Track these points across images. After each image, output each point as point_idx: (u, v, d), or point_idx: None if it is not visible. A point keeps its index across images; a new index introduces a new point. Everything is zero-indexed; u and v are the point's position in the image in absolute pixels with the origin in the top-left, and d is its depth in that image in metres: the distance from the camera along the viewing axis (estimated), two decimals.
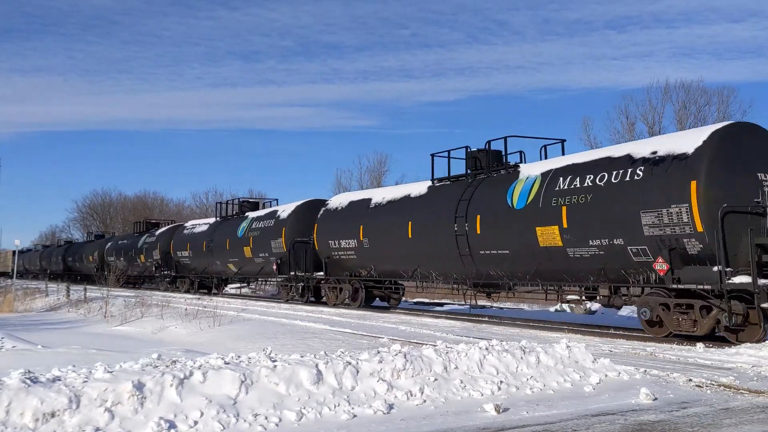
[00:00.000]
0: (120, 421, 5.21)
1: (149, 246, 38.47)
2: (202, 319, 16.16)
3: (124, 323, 17.73)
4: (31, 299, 29.95)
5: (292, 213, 25.15)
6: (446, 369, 7.07)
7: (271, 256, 25.61)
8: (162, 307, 19.03)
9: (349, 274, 21.30)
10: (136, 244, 41.05)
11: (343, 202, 22.09)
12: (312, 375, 6.27)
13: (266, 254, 25.99)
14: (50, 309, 25.06)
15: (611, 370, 7.98)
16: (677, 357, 9.95)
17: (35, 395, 5.13)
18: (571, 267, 13.83)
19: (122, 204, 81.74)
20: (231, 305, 21.87)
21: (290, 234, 24.44)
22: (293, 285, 24.50)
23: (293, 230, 24.59)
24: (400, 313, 19.80)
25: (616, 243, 12.63)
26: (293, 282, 24.37)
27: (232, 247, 28.55)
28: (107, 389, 5.38)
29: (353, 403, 6.13)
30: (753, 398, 6.91)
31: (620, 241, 12.53)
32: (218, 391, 5.80)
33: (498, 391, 6.89)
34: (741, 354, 10.14)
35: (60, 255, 59.87)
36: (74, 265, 54.47)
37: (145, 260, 38.82)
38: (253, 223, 27.52)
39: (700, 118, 37.07)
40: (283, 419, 5.65)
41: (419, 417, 5.93)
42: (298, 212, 25.04)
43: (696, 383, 7.66)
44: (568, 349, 8.15)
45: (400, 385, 6.60)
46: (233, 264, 28.93)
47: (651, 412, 6.21)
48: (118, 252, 44.01)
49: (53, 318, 20.78)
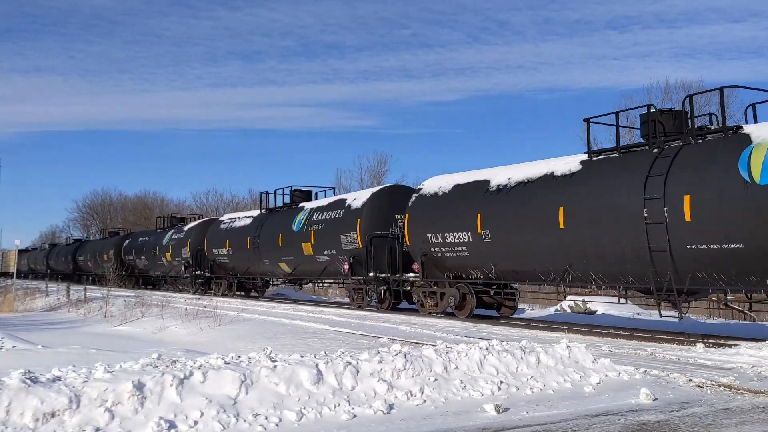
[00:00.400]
0: (120, 421, 5.21)
1: (177, 243, 34.38)
2: (202, 319, 16.16)
3: (124, 323, 17.73)
4: (31, 299, 29.95)
5: (368, 201, 20.90)
6: (446, 369, 7.07)
7: (340, 253, 21.52)
8: (162, 307, 19.04)
9: (453, 275, 17.28)
10: (160, 241, 36.86)
11: (444, 186, 17.73)
12: (312, 375, 6.27)
13: (332, 251, 21.94)
14: (50, 309, 25.06)
15: (611, 370, 7.98)
16: (677, 357, 9.95)
17: (35, 395, 5.13)
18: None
19: (122, 204, 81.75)
20: (231, 305, 21.86)
21: (366, 227, 20.39)
22: (371, 288, 20.37)
23: (370, 222, 20.53)
24: (400, 313, 19.80)
25: None
26: (371, 285, 20.23)
27: (285, 244, 24.48)
28: (107, 389, 5.38)
29: (353, 403, 6.13)
30: (753, 398, 6.90)
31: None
32: (218, 391, 5.80)
33: (498, 391, 6.89)
34: (741, 354, 10.14)
35: (69, 254, 56.07)
36: (85, 264, 50.87)
37: (172, 259, 34.94)
38: (313, 215, 23.39)
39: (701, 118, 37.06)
40: (283, 419, 5.65)
41: (419, 417, 5.93)
42: (375, 201, 20.89)
43: (696, 383, 7.65)
44: (568, 349, 8.14)
45: (400, 385, 6.60)
46: (286, 263, 24.96)
47: (651, 412, 6.21)
48: (138, 250, 40.20)
49: (53, 318, 20.78)
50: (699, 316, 21.11)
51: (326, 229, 22.41)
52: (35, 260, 70.07)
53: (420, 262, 17.89)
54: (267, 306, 22.52)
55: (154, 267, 37.91)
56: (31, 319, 19.91)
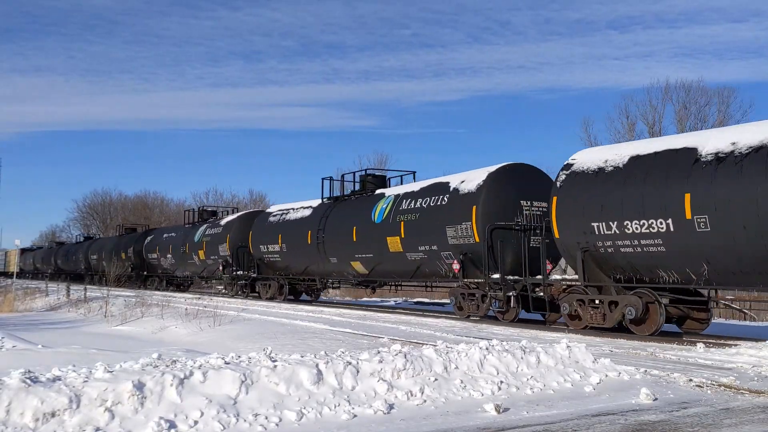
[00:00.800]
0: (120, 420, 5.21)
1: (212, 239, 29.92)
2: (202, 319, 16.16)
3: (124, 323, 17.73)
4: (31, 299, 29.95)
5: (485, 184, 16.45)
6: (446, 369, 7.07)
7: (444, 249, 17.19)
8: (162, 307, 19.03)
9: (625, 277, 13.19)
10: (190, 238, 32.38)
11: (613, 159, 13.42)
12: (312, 375, 6.27)
13: (432, 247, 17.51)
14: (50, 309, 25.06)
15: (611, 370, 7.98)
16: (677, 357, 9.95)
17: (35, 395, 5.13)
18: None
19: (122, 204, 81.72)
20: (231, 305, 21.86)
21: (485, 216, 16.14)
22: (492, 294, 16.02)
23: (489, 210, 16.23)
24: (400, 313, 19.79)
25: None
26: (493, 289, 16.04)
27: (362, 239, 20.16)
28: (107, 389, 5.38)
29: (353, 403, 6.13)
30: (753, 398, 6.90)
31: None
32: (218, 391, 5.80)
33: (498, 391, 6.89)
34: (741, 354, 10.14)
35: (80, 253, 51.78)
36: (99, 264, 46.13)
37: (206, 257, 30.48)
38: (401, 203, 18.91)
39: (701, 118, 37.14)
40: (284, 419, 5.65)
41: (419, 417, 5.93)
42: (495, 182, 16.48)
43: (696, 383, 7.65)
44: (568, 349, 8.14)
45: (400, 385, 6.59)
46: (362, 262, 20.60)
47: (651, 412, 6.21)
48: (163, 247, 35.88)
49: (53, 318, 20.77)
50: None
51: (423, 220, 17.83)
52: (42, 259, 66.77)
53: (579, 261, 13.58)
54: (267, 306, 22.51)
55: (183, 266, 33.61)
56: (31, 319, 19.90)
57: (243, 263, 27.70)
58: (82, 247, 52.54)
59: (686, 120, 37.24)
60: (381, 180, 22.66)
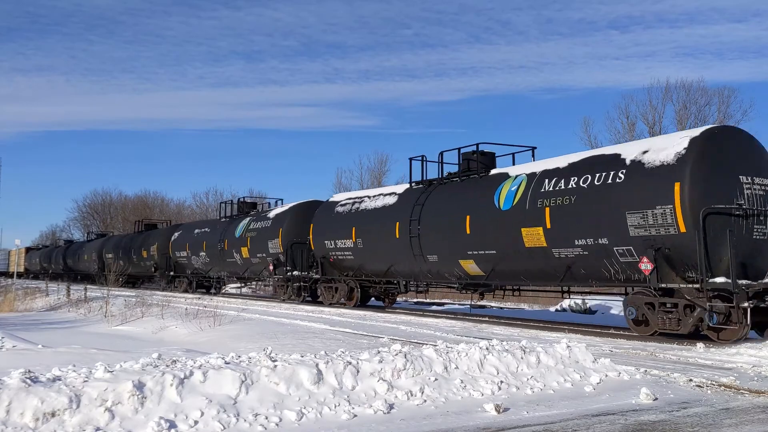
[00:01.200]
0: (120, 420, 5.21)
1: (259, 234, 26.12)
2: (202, 318, 16.15)
3: (124, 323, 17.72)
4: (32, 299, 29.93)
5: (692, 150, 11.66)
6: (447, 369, 7.07)
7: (620, 243, 12.57)
8: (162, 307, 19.03)
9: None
10: (230, 233, 28.61)
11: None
12: (312, 375, 6.27)
13: (602, 240, 12.83)
14: (50, 308, 25.05)
15: (611, 370, 7.98)
16: (678, 357, 9.95)
17: (35, 395, 5.13)
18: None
19: (122, 204, 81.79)
20: (231, 305, 21.86)
21: (696, 197, 11.52)
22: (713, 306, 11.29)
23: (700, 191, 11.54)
24: (401, 312, 19.79)
25: None
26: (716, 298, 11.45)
27: (481, 231, 15.80)
28: (107, 389, 5.38)
29: (353, 403, 6.13)
30: (753, 398, 6.90)
31: None
32: (218, 390, 5.80)
33: (498, 391, 6.89)
34: (741, 354, 10.14)
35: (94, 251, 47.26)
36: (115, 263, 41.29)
37: (250, 255, 26.77)
38: (541, 183, 14.40)
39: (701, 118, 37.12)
40: (284, 419, 5.65)
41: (419, 417, 5.93)
42: (702, 151, 11.72)
43: (696, 383, 7.65)
44: (568, 349, 8.14)
45: (400, 384, 6.60)
46: (478, 260, 16.18)
47: (651, 412, 6.21)
48: (195, 245, 31.97)
49: (53, 317, 20.77)
50: None
51: (583, 205, 13.30)
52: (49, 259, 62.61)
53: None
54: (267, 306, 22.52)
55: (220, 266, 29.84)
56: (31, 319, 19.90)
57: (300, 262, 23.63)
58: (95, 245, 48.04)
59: (686, 120, 37.25)
60: (490, 158, 17.97)
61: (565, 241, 13.84)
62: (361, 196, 21.67)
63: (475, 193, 16.53)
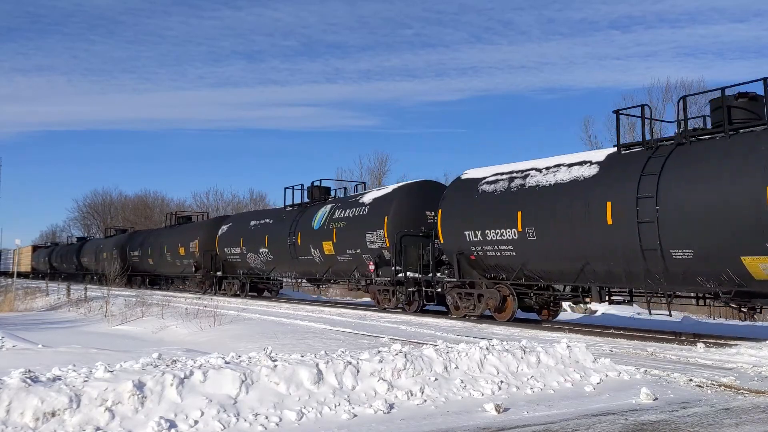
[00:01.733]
0: (120, 420, 5.21)
1: (351, 224, 21.00)
2: (202, 318, 16.15)
3: (124, 323, 17.72)
4: (32, 298, 29.94)
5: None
6: (447, 369, 7.07)
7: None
8: (162, 307, 19.03)
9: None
10: (304, 224, 23.38)
11: None
12: (312, 374, 6.27)
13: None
14: (51, 308, 25.06)
15: (612, 370, 7.98)
16: (678, 357, 9.95)
17: (36, 395, 5.13)
18: None
19: (123, 204, 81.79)
20: (231, 305, 21.86)
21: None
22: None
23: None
24: (401, 312, 19.78)
25: None
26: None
27: None
28: (108, 389, 5.38)
29: (354, 402, 6.13)
30: (754, 398, 6.90)
31: None
32: (219, 390, 5.80)
33: (498, 390, 6.89)
34: (741, 354, 10.14)
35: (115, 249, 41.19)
36: (144, 262, 37.66)
37: (337, 251, 21.67)
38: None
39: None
40: (284, 419, 5.65)
41: (420, 417, 5.93)
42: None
43: (697, 383, 7.65)
44: (568, 348, 8.14)
45: (400, 384, 6.59)
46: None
47: (651, 412, 6.21)
48: (253, 239, 26.64)
49: (54, 317, 20.77)
50: (699, 316, 21.09)
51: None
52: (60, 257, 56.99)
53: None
54: (268, 305, 22.51)
55: (288, 265, 24.65)
56: (31, 319, 19.90)
57: (414, 260, 18.68)
58: (118, 243, 41.90)
59: None
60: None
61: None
62: (524, 169, 15.76)
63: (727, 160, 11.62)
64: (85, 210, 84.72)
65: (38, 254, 68.44)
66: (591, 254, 13.64)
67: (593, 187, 13.57)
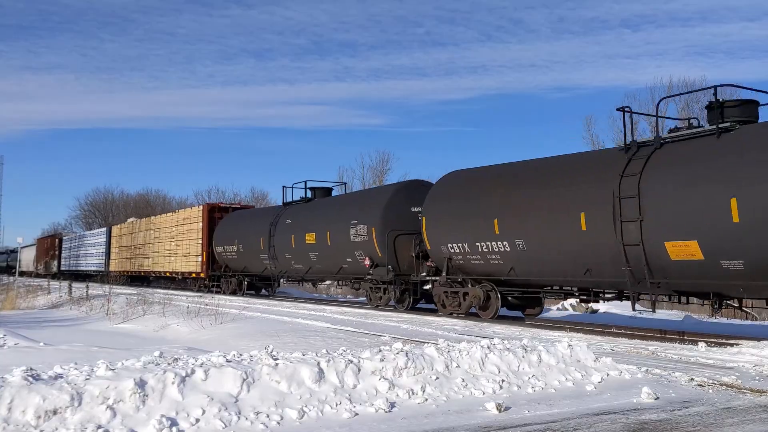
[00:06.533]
0: (122, 418, 5.21)
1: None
2: (204, 317, 16.16)
3: (126, 321, 17.75)
4: (33, 297, 29.98)
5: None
6: (448, 367, 7.07)
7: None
8: (164, 305, 19.05)
9: None
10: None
11: None
12: (314, 373, 6.27)
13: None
14: (52, 306, 25.09)
15: (613, 369, 7.98)
16: (679, 356, 9.94)
17: (37, 393, 5.13)
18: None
19: (124, 202, 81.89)
20: (233, 303, 21.87)
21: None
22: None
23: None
24: (392, 310, 19.79)
25: None
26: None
27: None
28: (109, 387, 5.38)
29: (355, 401, 6.13)
30: (755, 398, 6.90)
31: None
32: (220, 389, 5.80)
33: (499, 389, 6.89)
34: (743, 353, 10.12)
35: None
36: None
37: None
38: None
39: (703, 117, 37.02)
40: (285, 417, 5.65)
41: (421, 415, 5.93)
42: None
43: (698, 382, 7.65)
44: (569, 348, 8.14)
45: (401, 383, 6.60)
46: None
47: (653, 411, 6.21)
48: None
49: (55, 315, 20.80)
50: (701, 315, 21.07)
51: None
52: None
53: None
54: (269, 304, 22.52)
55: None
56: (33, 317, 19.93)
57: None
58: None
59: None
60: None
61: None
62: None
63: None
64: (87, 208, 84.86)
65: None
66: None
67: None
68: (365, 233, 19.81)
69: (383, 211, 19.43)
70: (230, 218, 30.52)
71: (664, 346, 11.10)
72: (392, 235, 19.14)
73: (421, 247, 18.50)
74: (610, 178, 12.79)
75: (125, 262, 42.59)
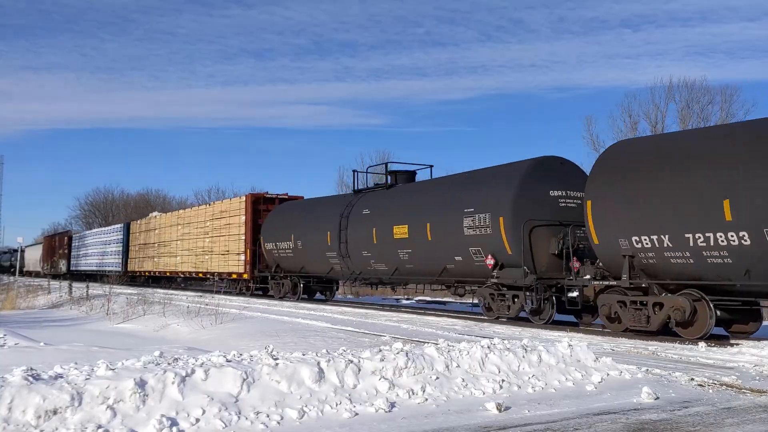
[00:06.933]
0: (122, 418, 5.21)
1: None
2: (204, 316, 16.17)
3: (126, 321, 17.75)
4: (34, 296, 29.98)
5: None
6: (448, 367, 7.07)
7: None
8: (164, 305, 19.05)
9: None
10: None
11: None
12: (314, 373, 6.27)
13: None
14: (53, 306, 25.09)
15: (613, 369, 7.97)
16: (679, 356, 9.94)
17: (37, 392, 5.13)
18: None
19: (124, 202, 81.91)
20: (233, 303, 21.87)
21: None
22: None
23: None
24: (402, 311, 19.79)
25: None
26: None
27: None
28: (109, 387, 5.38)
29: (355, 401, 6.13)
30: (755, 398, 6.90)
31: None
32: (220, 388, 5.80)
33: (500, 389, 6.89)
34: (743, 353, 10.13)
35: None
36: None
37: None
38: None
39: (703, 117, 37.01)
40: (285, 417, 5.65)
41: (421, 415, 5.93)
42: None
43: (698, 382, 7.65)
44: (570, 347, 8.14)
45: (401, 383, 6.59)
46: None
47: (653, 411, 6.21)
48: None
49: (56, 315, 20.80)
50: None
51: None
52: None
53: None
54: (269, 304, 22.52)
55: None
56: (33, 317, 19.93)
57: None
58: None
59: (689, 119, 37.15)
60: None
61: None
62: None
63: None
64: (87, 208, 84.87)
65: None
66: None
67: None
68: (487, 224, 15.43)
69: (515, 195, 15.09)
70: (282, 210, 26.11)
71: (664, 346, 11.10)
72: (528, 226, 14.87)
73: (567, 242, 14.44)
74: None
75: (147, 262, 38.67)
